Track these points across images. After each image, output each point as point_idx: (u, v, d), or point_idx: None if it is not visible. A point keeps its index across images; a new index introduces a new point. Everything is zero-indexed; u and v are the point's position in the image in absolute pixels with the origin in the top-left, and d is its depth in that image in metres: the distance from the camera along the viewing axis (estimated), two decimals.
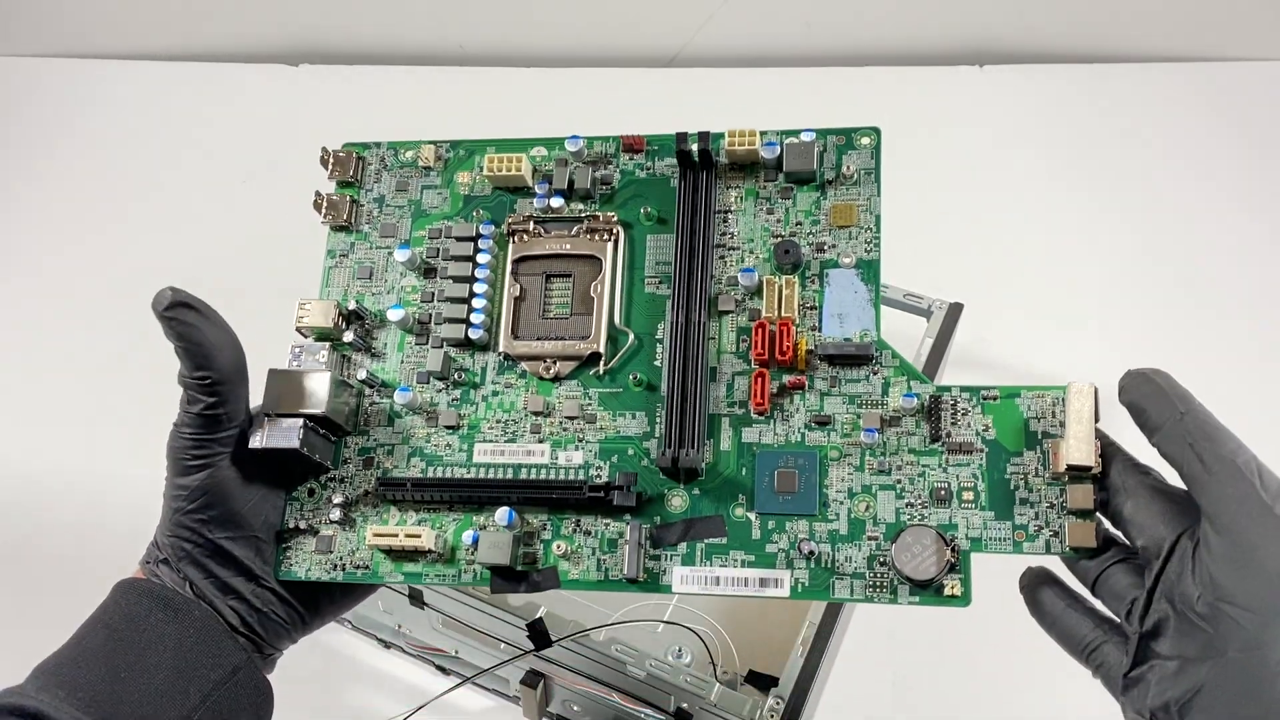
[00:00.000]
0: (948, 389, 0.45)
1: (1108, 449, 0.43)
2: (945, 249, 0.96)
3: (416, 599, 0.62)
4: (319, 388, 0.47)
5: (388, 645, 0.70)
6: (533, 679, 0.61)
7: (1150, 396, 0.41)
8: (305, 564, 0.48)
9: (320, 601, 0.50)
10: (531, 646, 0.59)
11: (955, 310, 0.72)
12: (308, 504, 0.49)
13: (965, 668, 0.72)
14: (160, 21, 1.20)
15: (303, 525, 0.48)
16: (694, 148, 0.50)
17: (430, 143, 0.54)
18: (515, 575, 0.46)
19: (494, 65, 1.18)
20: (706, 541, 0.45)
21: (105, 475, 0.80)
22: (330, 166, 0.54)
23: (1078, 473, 0.42)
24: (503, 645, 0.61)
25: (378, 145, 0.55)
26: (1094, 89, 1.11)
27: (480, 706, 0.70)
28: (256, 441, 0.46)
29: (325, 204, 0.53)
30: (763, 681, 0.63)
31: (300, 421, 0.47)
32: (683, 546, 0.45)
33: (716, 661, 0.65)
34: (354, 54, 1.20)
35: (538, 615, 0.59)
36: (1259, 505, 0.37)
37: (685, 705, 0.57)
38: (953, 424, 0.45)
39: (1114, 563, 0.41)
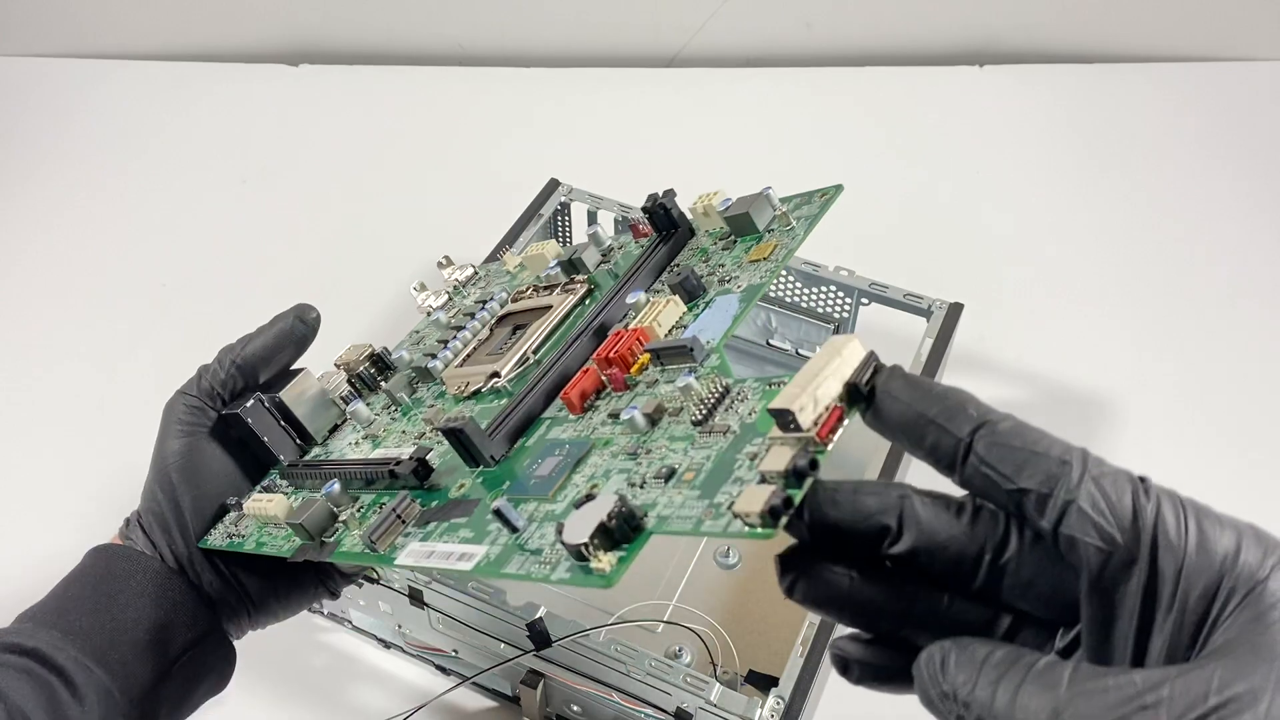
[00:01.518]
0: (743, 381, 0.39)
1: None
2: (945, 249, 0.96)
3: (416, 599, 0.62)
4: (295, 382, 0.54)
5: (388, 645, 0.69)
6: (533, 679, 0.61)
7: (915, 424, 0.30)
8: (219, 534, 0.51)
9: (264, 593, 0.52)
10: (531, 646, 0.59)
11: (955, 310, 0.72)
12: (254, 491, 0.53)
13: None
14: (160, 21, 1.20)
15: (234, 503, 0.52)
16: (656, 205, 0.53)
17: (516, 254, 0.64)
18: (311, 539, 0.48)
19: (494, 65, 1.18)
20: (451, 520, 0.43)
21: (107, 469, 0.80)
22: (447, 275, 0.65)
23: (787, 431, 0.32)
24: (503, 645, 0.61)
25: (492, 264, 0.67)
26: (1094, 89, 1.11)
27: (480, 706, 0.70)
28: (224, 409, 0.53)
29: (430, 296, 0.63)
30: (763, 681, 0.63)
31: (256, 395, 0.52)
32: (431, 525, 0.43)
33: (716, 661, 0.65)
34: (354, 54, 1.20)
35: (538, 615, 0.59)
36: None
37: (685, 705, 0.57)
38: (726, 410, 0.38)
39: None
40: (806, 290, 0.77)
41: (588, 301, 0.54)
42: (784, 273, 0.76)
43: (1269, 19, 1.11)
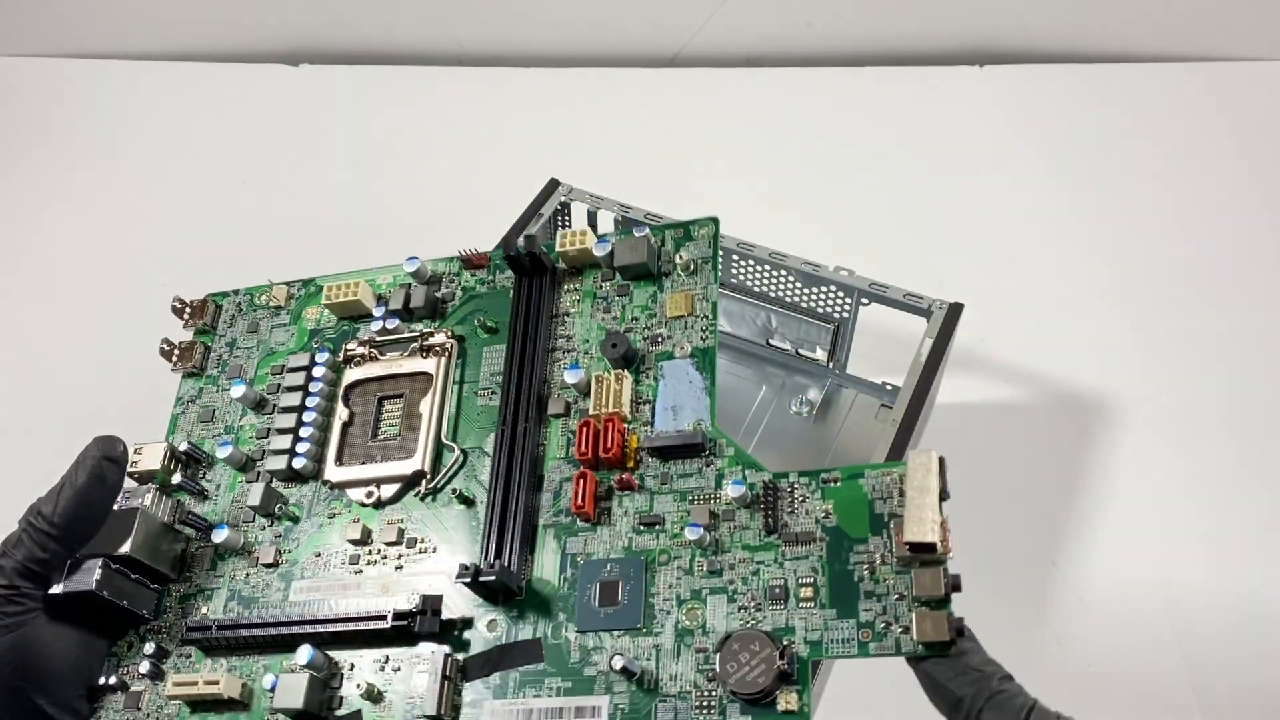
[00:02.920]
0: (785, 475, 0.41)
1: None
2: (945, 249, 0.96)
3: None
4: (125, 527, 0.45)
5: None
6: None
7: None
8: None
9: None
10: None
11: (955, 310, 0.72)
12: (125, 658, 0.46)
13: None
14: (160, 21, 1.20)
15: (114, 681, 0.45)
16: (523, 253, 0.48)
17: (284, 283, 0.54)
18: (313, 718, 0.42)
19: (494, 65, 1.18)
20: (521, 669, 0.40)
21: None
22: (186, 316, 0.54)
23: (922, 553, 0.37)
24: None
25: (235, 292, 0.55)
26: (1094, 89, 1.11)
27: None
28: (57, 586, 0.44)
29: (176, 352, 0.53)
30: None
31: (99, 562, 0.44)
32: (495, 678, 0.40)
33: None
34: (354, 54, 1.20)
35: None
36: None
37: None
38: (790, 513, 0.40)
39: None
40: (806, 290, 0.77)
41: (462, 360, 0.49)
42: (783, 272, 0.76)
43: (1269, 19, 1.11)
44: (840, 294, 0.76)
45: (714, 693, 0.38)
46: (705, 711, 0.37)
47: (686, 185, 1.00)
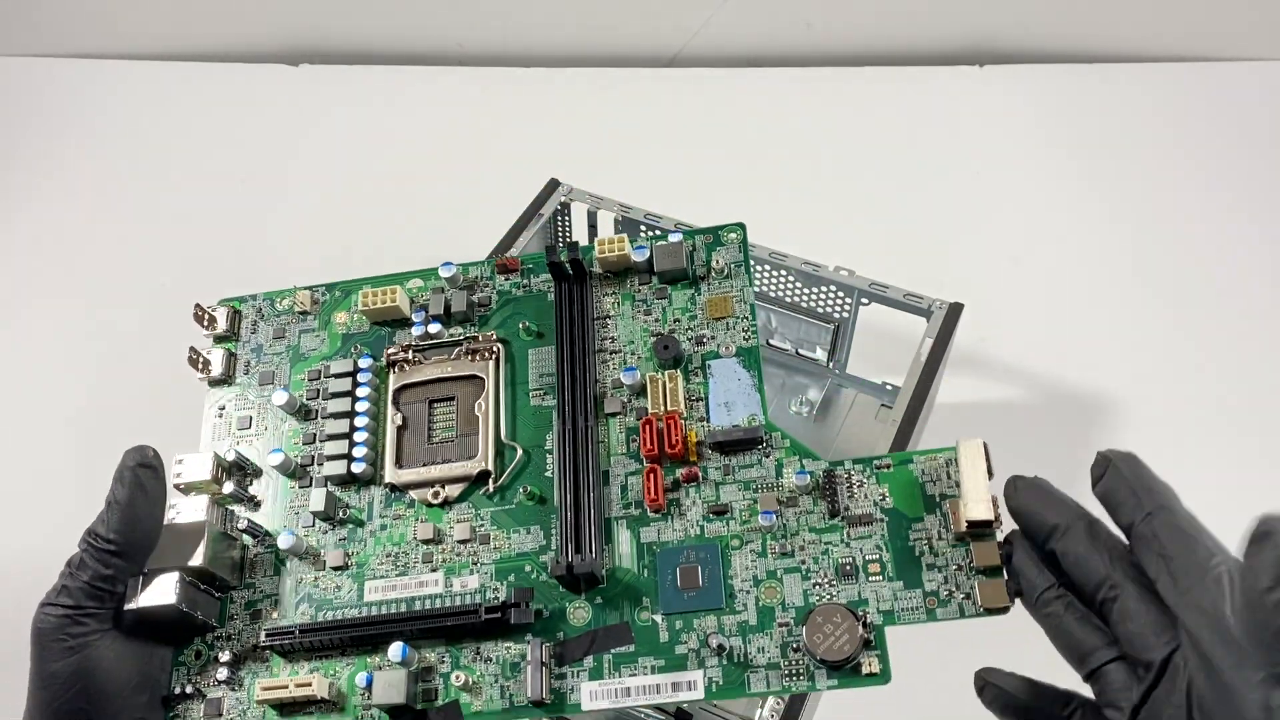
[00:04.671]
0: (840, 463, 0.45)
1: (1116, 535, 0.40)
2: (945, 249, 0.96)
3: None
4: (195, 539, 0.45)
5: None
6: None
7: (1117, 490, 0.40)
8: None
9: None
10: None
11: (955, 310, 0.72)
12: (194, 666, 0.46)
13: (965, 668, 0.72)
14: (160, 21, 1.20)
15: (189, 690, 0.45)
16: (565, 259, 0.50)
17: (306, 288, 0.54)
18: (416, 715, 0.43)
19: (494, 65, 1.18)
20: (614, 651, 0.43)
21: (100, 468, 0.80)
22: (206, 323, 0.54)
23: (979, 529, 0.42)
24: None
25: (253, 297, 0.55)
26: (1094, 89, 1.11)
27: None
28: (132, 602, 0.43)
29: (201, 361, 0.53)
30: None
31: (176, 576, 0.44)
32: (589, 660, 0.43)
33: None
34: (354, 54, 1.20)
35: None
36: (1228, 642, 0.34)
37: (685, 705, 0.57)
38: (849, 497, 0.44)
39: (1109, 661, 0.39)
40: (806, 290, 0.77)
41: (511, 363, 0.51)
42: (783, 272, 0.76)
43: (1269, 19, 1.11)
44: (840, 294, 0.76)
45: (801, 661, 0.42)
46: (795, 678, 0.41)
47: (686, 185, 1.00)
